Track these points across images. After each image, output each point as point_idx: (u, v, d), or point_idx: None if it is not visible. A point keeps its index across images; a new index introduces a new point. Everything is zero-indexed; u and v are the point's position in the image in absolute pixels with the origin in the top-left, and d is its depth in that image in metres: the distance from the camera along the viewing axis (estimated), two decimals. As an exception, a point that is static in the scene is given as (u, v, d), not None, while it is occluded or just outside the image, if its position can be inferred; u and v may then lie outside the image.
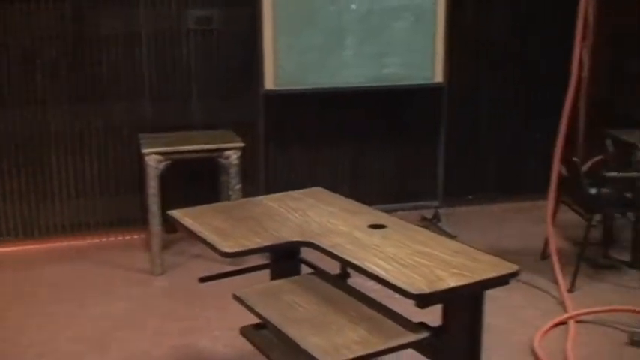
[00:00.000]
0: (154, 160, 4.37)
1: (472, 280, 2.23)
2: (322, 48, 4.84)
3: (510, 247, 4.92)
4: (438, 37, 5.00)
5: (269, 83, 4.77)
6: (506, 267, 2.34)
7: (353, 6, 4.85)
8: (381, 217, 2.87)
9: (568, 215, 4.68)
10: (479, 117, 5.76)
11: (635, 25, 5.73)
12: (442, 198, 5.39)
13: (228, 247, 2.52)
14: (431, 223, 5.30)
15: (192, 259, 4.74)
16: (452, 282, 2.20)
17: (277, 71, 4.78)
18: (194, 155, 4.52)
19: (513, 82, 5.78)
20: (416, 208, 5.55)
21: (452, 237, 4.86)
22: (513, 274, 2.32)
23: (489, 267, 2.33)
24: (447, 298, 2.23)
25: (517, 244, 4.99)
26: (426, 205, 5.47)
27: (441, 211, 5.36)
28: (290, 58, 4.80)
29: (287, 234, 2.67)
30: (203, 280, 2.88)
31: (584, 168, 5.40)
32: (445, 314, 2.34)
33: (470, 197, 5.86)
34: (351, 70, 4.93)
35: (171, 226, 4.68)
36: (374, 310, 2.42)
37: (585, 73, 4.85)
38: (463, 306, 2.33)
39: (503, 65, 5.72)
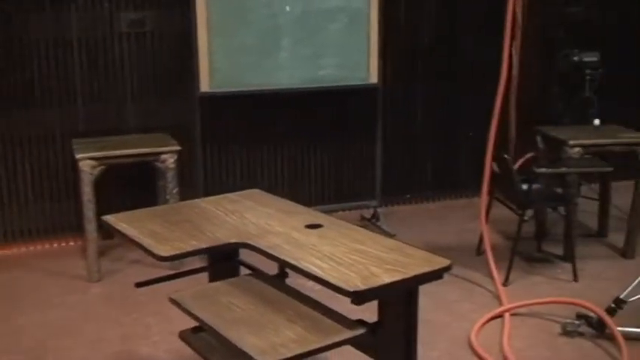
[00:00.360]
0: (88, 165, 4.31)
1: (406, 276, 2.27)
2: (257, 49, 4.85)
3: (447, 243, 5.02)
4: (372, 38, 5.06)
5: (204, 85, 4.75)
6: (438, 262, 2.39)
7: (287, 7, 4.87)
8: (317, 216, 2.90)
9: (502, 211, 4.79)
10: (414, 117, 5.85)
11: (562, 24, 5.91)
12: (380, 197, 5.45)
13: (164, 251, 2.50)
14: (370, 223, 5.36)
15: (129, 265, 4.68)
16: (386, 278, 2.24)
17: (212, 73, 4.76)
18: (129, 159, 4.46)
19: (446, 82, 5.89)
20: (355, 208, 5.61)
21: (390, 236, 4.93)
22: (446, 269, 2.37)
23: (422, 262, 2.37)
24: (382, 294, 2.27)
25: (453, 241, 5.09)
26: (365, 204, 5.53)
27: (379, 210, 5.42)
28: (225, 60, 4.78)
29: (224, 236, 2.67)
30: (140, 285, 2.85)
31: (516, 165, 5.56)
32: (381, 310, 2.37)
33: (407, 196, 5.94)
34: (287, 71, 4.95)
35: (107, 232, 4.62)
36: (312, 309, 2.44)
37: (515, 72, 4.97)
38: (398, 301, 2.37)
39: (436, 65, 5.82)
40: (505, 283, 4.33)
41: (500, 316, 3.91)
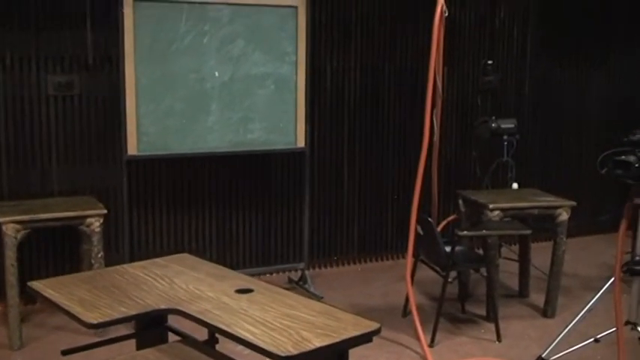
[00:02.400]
0: (11, 229, 4.21)
1: (336, 340, 2.31)
2: (186, 114, 4.89)
3: (374, 305, 5.08)
4: (300, 103, 5.18)
5: (132, 149, 4.75)
6: (368, 325, 2.44)
7: (216, 73, 4.95)
8: (248, 281, 2.92)
9: (426, 272, 4.90)
10: (341, 179, 5.95)
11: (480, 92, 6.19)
12: (308, 259, 5.49)
13: (93, 318, 2.47)
14: (297, 285, 5.38)
15: (53, 332, 4.55)
16: (317, 342, 2.27)
17: (140, 137, 4.76)
18: (54, 223, 4.38)
19: (371, 147, 6.05)
20: (282, 271, 5.63)
21: (318, 298, 4.96)
22: (375, 332, 2.42)
23: (352, 326, 2.42)
24: (313, 358, 2.29)
25: (380, 302, 5.16)
26: (293, 267, 5.56)
27: (307, 272, 5.46)
28: (153, 124, 4.80)
29: (153, 302, 2.65)
30: (66, 352, 2.79)
31: (439, 227, 5.72)
32: (313, 375, 2.40)
33: (334, 258, 6.00)
34: (215, 135, 5.00)
35: (30, 297, 4.49)
36: (242, 375, 2.44)
37: (436, 138, 5.16)
38: (329, 366, 2.40)
39: (362, 130, 5.98)
40: (431, 344, 4.40)
41: (426, 377, 3.97)
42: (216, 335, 2.84)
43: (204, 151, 4.99)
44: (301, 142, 5.23)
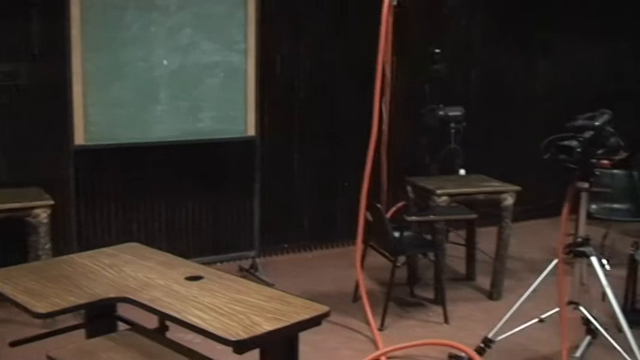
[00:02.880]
0: (-46, 221, 4.13)
1: (287, 323, 2.35)
2: (134, 103, 4.85)
3: (324, 291, 5.13)
4: (249, 92, 5.18)
5: (79, 139, 4.69)
6: (317, 309, 2.48)
7: (165, 61, 4.92)
8: (197, 268, 2.93)
9: (376, 258, 4.97)
10: (291, 168, 5.99)
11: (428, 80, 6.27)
12: (259, 248, 5.51)
13: (41, 308, 2.46)
14: (248, 273, 5.40)
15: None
16: (267, 326, 2.30)
17: (88, 126, 4.70)
18: (0, 215, 4.31)
19: (321, 135, 6.08)
20: (233, 259, 5.64)
21: (269, 285, 4.99)
22: (324, 315, 2.46)
23: (302, 310, 2.46)
24: (263, 342, 2.32)
25: (330, 288, 5.21)
26: (244, 255, 5.57)
27: (258, 260, 5.48)
28: (101, 113, 4.75)
29: (102, 291, 2.65)
30: (14, 344, 2.77)
31: (389, 213, 5.79)
32: (262, 358, 2.43)
33: (285, 245, 6.03)
34: (165, 124, 4.97)
35: (-25, 290, 4.40)
36: (193, 361, 2.46)
37: (385, 126, 5.22)
38: (279, 349, 2.44)
39: (312, 118, 6.01)
40: (381, 328, 4.47)
41: (377, 360, 4.04)
42: (167, 323, 2.85)
43: (153, 140, 4.96)
44: (251, 131, 5.24)
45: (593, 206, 5.87)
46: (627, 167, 6.47)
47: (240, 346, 2.21)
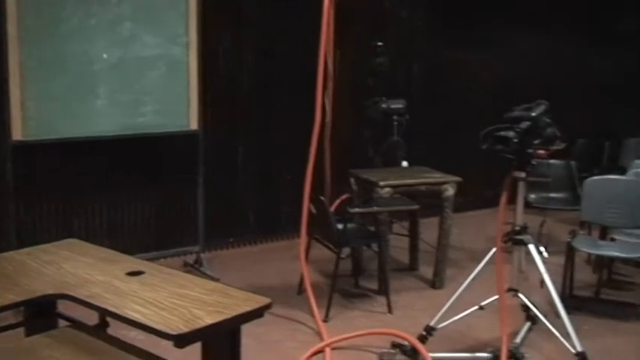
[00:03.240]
0: None
1: (228, 316, 2.35)
2: (74, 97, 4.76)
3: (269, 284, 5.14)
4: (192, 86, 5.15)
5: (17, 134, 4.59)
6: (259, 301, 2.49)
7: (104, 55, 4.85)
8: (139, 264, 2.91)
9: (321, 251, 5.00)
10: (236, 162, 5.97)
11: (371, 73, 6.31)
12: (203, 243, 5.49)
13: (-23, 307, 2.41)
14: (193, 268, 5.37)
15: None
16: (208, 319, 2.30)
17: (26, 121, 4.61)
18: None
19: (265, 128, 6.08)
20: (177, 255, 5.60)
21: (214, 280, 4.98)
22: (266, 307, 2.47)
23: (243, 302, 2.46)
24: (205, 335, 2.32)
25: (276, 282, 5.22)
26: (188, 250, 5.54)
27: (203, 255, 5.45)
28: (40, 108, 4.65)
29: (41, 288, 2.61)
30: (-51, 344, 2.71)
31: (333, 206, 5.83)
32: (205, 352, 2.43)
33: (231, 240, 6.02)
34: (105, 118, 4.90)
35: None
36: (134, 357, 2.44)
37: (328, 119, 5.25)
38: (221, 342, 2.44)
39: (255, 112, 6.01)
40: (325, 319, 4.50)
41: (321, 351, 4.07)
42: (109, 320, 2.82)
43: (93, 135, 4.89)
44: (194, 125, 5.21)
45: (532, 195, 6.02)
46: (565, 157, 6.65)
47: (180, 340, 2.20)
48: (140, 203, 5.53)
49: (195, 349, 2.37)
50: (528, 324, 4.29)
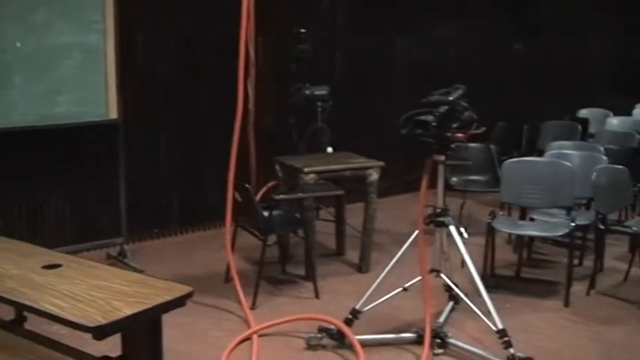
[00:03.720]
0: None
1: (148, 306, 2.31)
2: (-14, 87, 4.60)
3: (196, 274, 5.10)
4: (110, 74, 5.03)
5: None
6: (180, 290, 2.46)
7: (18, 44, 4.69)
8: (56, 257, 2.83)
9: (248, 239, 4.97)
10: (158, 151, 5.88)
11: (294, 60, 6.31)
12: (127, 234, 5.39)
13: None
14: (117, 260, 5.28)
15: None
16: (128, 310, 2.26)
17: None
18: None
19: (189, 116, 6.01)
20: (100, 247, 5.48)
21: (139, 272, 4.90)
22: (187, 296, 2.44)
23: (164, 292, 2.43)
24: (125, 326, 2.28)
25: (202, 271, 5.18)
26: (111, 242, 5.43)
27: (126, 247, 5.36)
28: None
29: (-48, 284, 2.51)
30: None
31: (260, 193, 5.82)
32: (125, 343, 2.39)
33: (155, 230, 5.93)
34: (20, 109, 4.74)
35: None
36: (53, 351, 2.39)
37: (252, 106, 5.22)
38: (142, 333, 2.40)
39: (177, 100, 5.92)
40: (253, 307, 4.50)
41: (248, 338, 4.06)
42: (27, 314, 2.74)
43: (8, 126, 4.73)
44: (113, 114, 5.10)
45: (454, 178, 6.15)
46: (485, 140, 6.81)
47: (98, 332, 2.16)
48: (60, 195, 5.39)
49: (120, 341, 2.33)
50: (451, 304, 4.38)
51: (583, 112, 8.63)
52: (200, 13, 5.94)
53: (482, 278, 4.73)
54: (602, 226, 4.76)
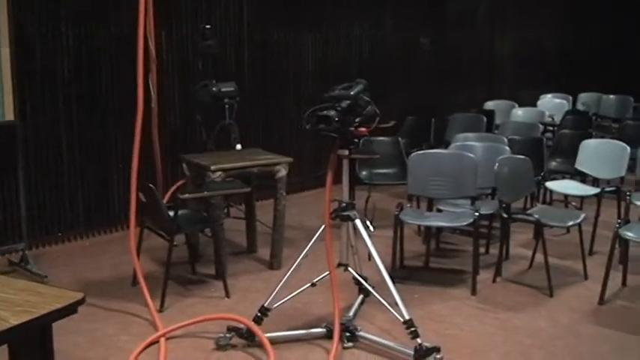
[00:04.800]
0: None
1: (36, 315, 2.21)
2: None
3: (103, 278, 4.95)
4: (5, 74, 4.81)
5: None
6: (70, 296, 2.36)
7: None
8: (-60, 266, 2.69)
9: (156, 240, 4.86)
10: (60, 152, 5.67)
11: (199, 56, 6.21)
12: (29, 239, 5.18)
13: None
14: (19, 267, 5.07)
15: None
16: (14, 320, 2.16)
17: None
18: None
19: (91, 116, 5.82)
20: (2, 253, 5.25)
21: (42, 278, 4.73)
22: (79, 303, 2.35)
23: (54, 299, 2.33)
24: (10, 337, 2.18)
25: (109, 275, 5.03)
26: (12, 248, 5.20)
27: (29, 252, 5.15)
28: None
29: None
30: None
31: (169, 193, 5.72)
32: (11, 355, 2.28)
33: (60, 234, 5.73)
34: None
35: None
36: None
37: (154, 103, 5.10)
38: (30, 343, 2.30)
39: (79, 99, 5.73)
40: (161, 309, 4.40)
41: (156, 342, 3.97)
42: None
43: None
44: (10, 115, 4.88)
45: (364, 172, 6.19)
46: (395, 133, 6.90)
47: (-19, 345, 2.05)
48: (-45, 201, 5.15)
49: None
50: (361, 297, 4.41)
51: (489, 104, 8.86)
52: (100, 7, 5.77)
53: (392, 270, 4.81)
54: (505, 215, 4.88)
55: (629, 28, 12.12)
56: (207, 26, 6.04)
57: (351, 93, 3.73)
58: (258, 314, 4.00)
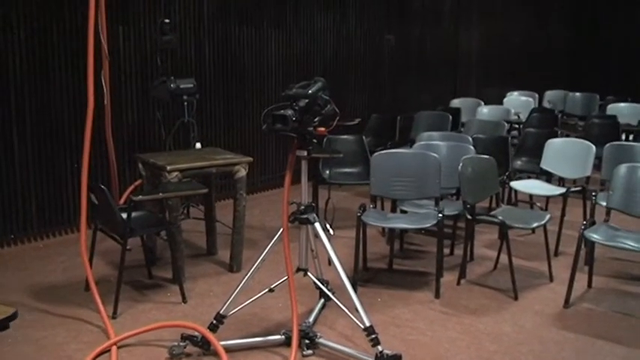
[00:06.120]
0: None
1: (-40, 333, 2.06)
2: None
3: (55, 282, 4.76)
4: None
5: None
6: (1, 312, 2.21)
7: None
8: None
9: (111, 243, 4.68)
10: (12, 152, 5.45)
11: (158, 52, 6.03)
12: (-22, 242, 4.99)
13: None
14: (-33, 271, 4.87)
15: None
16: None
17: None
18: None
19: (43, 115, 5.61)
20: (-51, 257, 5.06)
21: (-11, 282, 4.53)
22: (11, 318, 2.20)
23: (-19, 315, 2.18)
24: None
25: (62, 279, 4.84)
26: (-40, 251, 5.01)
27: (-22, 256, 4.96)
28: None
29: None
30: None
31: (126, 193, 5.54)
32: None
33: (12, 237, 5.52)
34: None
35: None
36: None
37: (107, 101, 4.91)
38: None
39: (31, 97, 5.52)
40: (114, 316, 4.23)
41: (107, 350, 3.80)
42: None
43: None
44: (-45, 113, 4.68)
45: (327, 171, 6.06)
46: (360, 132, 6.78)
47: None
48: None
49: None
50: (322, 301, 4.28)
51: (455, 102, 8.80)
52: (54, 1, 5.55)
53: (355, 272, 4.69)
54: (469, 216, 4.79)
55: (594, 25, 12.16)
56: (166, 20, 5.87)
57: (309, 92, 3.58)
58: (214, 322, 3.85)
